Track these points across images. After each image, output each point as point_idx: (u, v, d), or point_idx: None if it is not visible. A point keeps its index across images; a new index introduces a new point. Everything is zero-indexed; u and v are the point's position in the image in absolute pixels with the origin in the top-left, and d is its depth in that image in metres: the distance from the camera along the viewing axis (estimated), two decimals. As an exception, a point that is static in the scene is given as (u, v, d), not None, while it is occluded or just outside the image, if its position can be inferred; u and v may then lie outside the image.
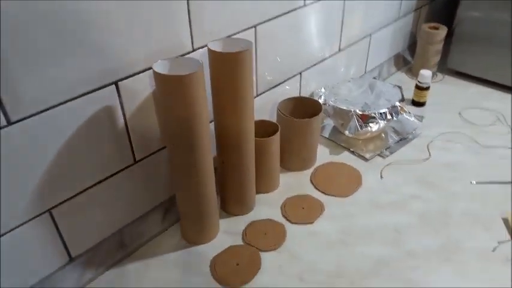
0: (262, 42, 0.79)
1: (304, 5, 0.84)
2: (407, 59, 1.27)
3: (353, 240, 0.72)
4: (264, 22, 0.77)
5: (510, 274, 0.65)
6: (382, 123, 0.90)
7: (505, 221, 0.74)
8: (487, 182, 0.82)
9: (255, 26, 0.76)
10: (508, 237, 0.71)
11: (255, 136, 0.73)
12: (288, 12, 0.81)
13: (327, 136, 0.98)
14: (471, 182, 0.82)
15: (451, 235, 0.72)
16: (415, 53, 1.20)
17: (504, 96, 1.10)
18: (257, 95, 0.85)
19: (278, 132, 0.77)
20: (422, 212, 0.76)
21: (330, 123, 1.00)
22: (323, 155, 0.92)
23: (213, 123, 0.70)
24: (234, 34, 0.72)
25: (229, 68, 0.61)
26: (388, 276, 0.65)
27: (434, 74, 1.19)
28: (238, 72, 0.61)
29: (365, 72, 1.15)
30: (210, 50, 0.61)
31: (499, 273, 0.65)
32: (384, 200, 0.80)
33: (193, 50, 0.67)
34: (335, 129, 0.98)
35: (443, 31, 1.12)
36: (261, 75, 0.83)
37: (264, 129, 0.78)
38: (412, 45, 1.27)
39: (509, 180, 0.82)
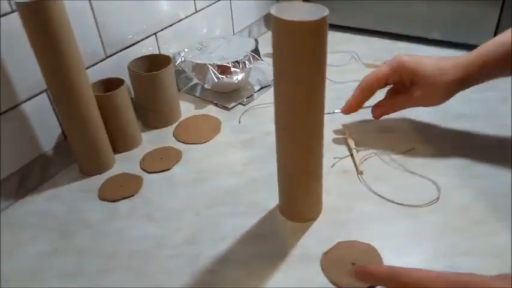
0: (103, 6, 0.80)
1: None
2: (277, 18, 1.32)
3: (205, 177, 0.75)
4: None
5: (346, 181, 0.71)
6: (239, 72, 0.94)
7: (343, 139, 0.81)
8: (331, 113, 0.88)
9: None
10: (345, 154, 0.77)
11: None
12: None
13: (198, 95, 1.01)
14: (320, 113, 0.88)
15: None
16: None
17: (363, 39, 1.18)
18: (107, 56, 0.85)
19: (122, 86, 0.78)
20: (271, 145, 0.81)
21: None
22: (188, 110, 0.94)
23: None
24: None
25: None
26: (233, 202, 0.69)
27: (301, 29, 1.25)
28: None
29: (233, 33, 1.19)
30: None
31: (338, 184, 0.71)
32: (238, 140, 0.84)
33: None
34: (204, 88, 1.01)
35: (298, -15, 1.18)
36: (109, 35, 0.84)
37: (113, 86, 0.79)
38: (279, 5, 1.32)
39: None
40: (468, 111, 0.85)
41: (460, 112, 0.84)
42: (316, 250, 0.59)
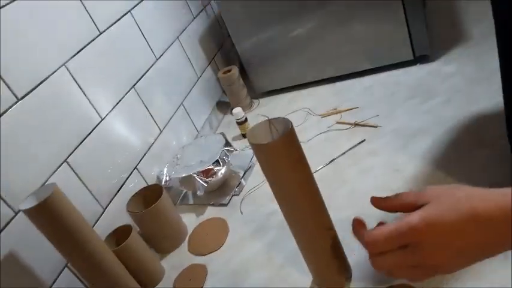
0: (82, 167, 0.87)
1: (103, 118, 0.94)
2: (227, 101, 1.43)
3: (237, 283, 0.80)
4: (73, 152, 0.86)
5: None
6: (222, 169, 1.02)
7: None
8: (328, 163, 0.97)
9: (66, 160, 0.84)
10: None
11: (116, 245, 0.82)
12: (90, 133, 0.90)
13: (192, 202, 1.07)
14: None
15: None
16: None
17: (307, 92, 1.30)
18: (104, 209, 0.91)
19: (132, 233, 0.83)
20: (280, 223, 0.87)
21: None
22: (192, 221, 1.00)
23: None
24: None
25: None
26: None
27: (251, 103, 1.36)
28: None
29: (198, 132, 1.28)
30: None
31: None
32: (249, 231, 0.90)
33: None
34: (194, 194, 1.08)
35: (235, 70, 1.30)
36: (98, 190, 0.90)
37: (123, 233, 0.85)
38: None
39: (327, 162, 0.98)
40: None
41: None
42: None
